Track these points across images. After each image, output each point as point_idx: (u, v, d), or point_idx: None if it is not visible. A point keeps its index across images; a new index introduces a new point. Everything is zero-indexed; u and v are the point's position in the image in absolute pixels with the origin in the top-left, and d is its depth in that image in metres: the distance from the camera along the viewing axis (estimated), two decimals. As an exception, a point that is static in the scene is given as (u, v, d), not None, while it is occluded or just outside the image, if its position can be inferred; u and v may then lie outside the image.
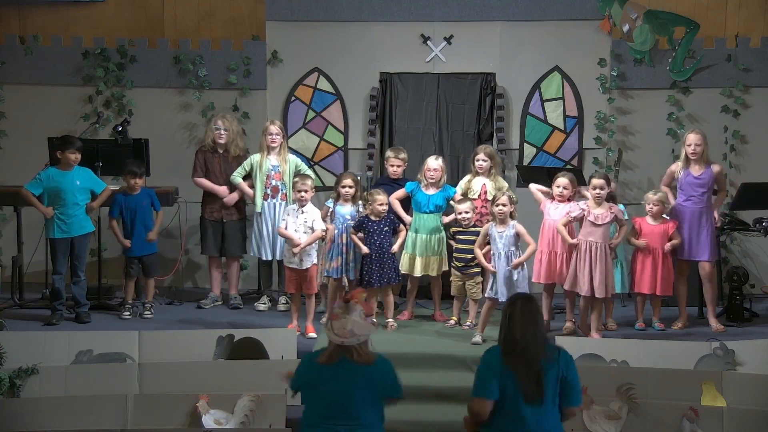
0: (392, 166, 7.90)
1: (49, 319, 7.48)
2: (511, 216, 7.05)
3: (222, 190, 8.11)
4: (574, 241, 7.02)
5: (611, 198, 7.17)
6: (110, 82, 8.94)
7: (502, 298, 6.84)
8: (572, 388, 4.44)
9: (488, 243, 7.10)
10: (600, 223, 6.97)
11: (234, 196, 8.12)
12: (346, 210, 7.51)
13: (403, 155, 7.93)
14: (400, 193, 7.76)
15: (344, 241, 7.44)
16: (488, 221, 7.33)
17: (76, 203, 7.51)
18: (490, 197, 7.60)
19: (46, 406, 5.88)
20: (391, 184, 7.81)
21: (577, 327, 7.26)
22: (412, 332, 7.37)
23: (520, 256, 6.97)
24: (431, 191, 7.67)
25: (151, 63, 9.01)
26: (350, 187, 7.48)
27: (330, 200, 7.65)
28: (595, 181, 7.07)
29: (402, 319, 7.67)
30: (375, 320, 4.51)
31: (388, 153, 8.02)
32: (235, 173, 8.05)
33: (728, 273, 7.85)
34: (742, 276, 7.76)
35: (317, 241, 7.35)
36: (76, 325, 7.39)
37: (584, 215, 7.00)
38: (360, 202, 7.57)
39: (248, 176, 8.12)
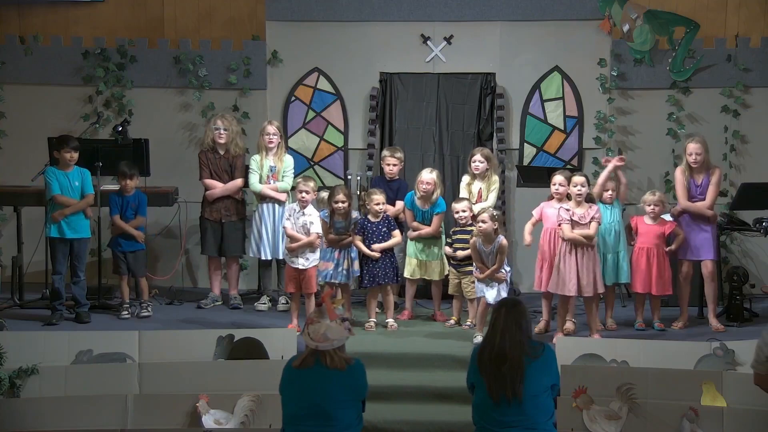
0: (388, 165, 7.90)
1: (49, 319, 7.48)
2: (496, 232, 7.05)
3: (230, 186, 8.09)
4: (590, 232, 6.97)
5: (589, 198, 7.18)
6: (110, 82, 8.94)
7: (490, 300, 6.93)
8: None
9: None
10: (583, 222, 6.98)
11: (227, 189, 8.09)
12: (341, 224, 7.45)
13: (399, 154, 7.94)
14: (410, 213, 7.73)
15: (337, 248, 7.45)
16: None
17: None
18: (483, 199, 7.69)
19: (46, 406, 5.88)
20: (384, 185, 7.79)
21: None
22: (412, 332, 7.37)
23: (506, 271, 7.03)
24: (424, 205, 7.67)
25: (151, 63, 9.01)
26: (343, 202, 7.37)
27: (324, 211, 7.51)
28: (576, 179, 7.07)
29: (401, 318, 7.68)
30: (351, 327, 4.52)
31: (385, 152, 8.03)
32: (254, 183, 8.00)
33: (728, 273, 7.84)
34: (742, 276, 7.75)
35: (320, 243, 7.34)
36: (76, 325, 7.39)
37: (570, 216, 7.01)
38: (356, 213, 7.56)
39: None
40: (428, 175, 7.67)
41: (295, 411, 4.41)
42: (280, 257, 7.99)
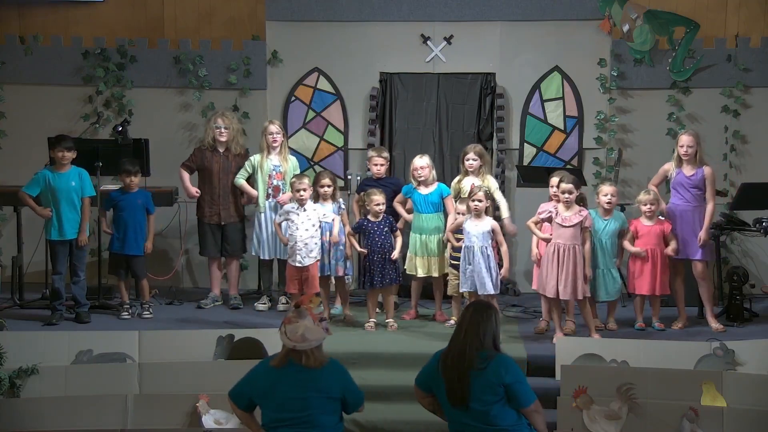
0: (375, 165, 7.89)
1: (49, 319, 7.48)
2: (487, 212, 7.08)
3: (190, 189, 8.11)
4: (546, 235, 7.04)
5: (581, 201, 7.17)
6: (110, 82, 8.95)
7: (470, 290, 7.03)
8: (516, 392, 4.66)
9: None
10: (567, 225, 6.96)
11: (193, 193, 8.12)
12: (327, 209, 7.51)
13: (385, 154, 7.96)
14: (400, 197, 7.76)
15: (328, 239, 7.47)
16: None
17: (72, 204, 7.49)
18: None
19: (46, 406, 5.88)
20: (375, 184, 7.76)
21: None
22: (412, 332, 7.37)
23: (493, 252, 7.04)
24: (425, 190, 7.68)
25: (151, 63, 9.01)
26: (328, 186, 7.53)
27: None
28: (564, 186, 7.02)
29: (407, 318, 7.68)
30: (329, 327, 4.56)
31: (371, 153, 8.03)
32: (238, 175, 8.05)
33: (728, 273, 7.84)
34: (742, 276, 7.75)
35: (320, 238, 7.34)
36: (76, 325, 7.39)
37: (552, 217, 7.01)
38: (340, 199, 7.64)
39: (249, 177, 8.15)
40: (420, 161, 7.70)
41: (275, 411, 4.42)
42: (281, 256, 7.99)
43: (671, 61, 8.85)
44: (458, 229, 7.39)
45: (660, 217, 7.51)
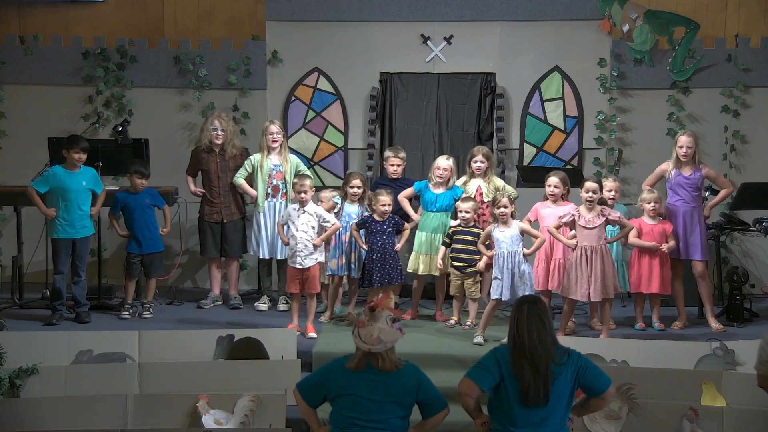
0: (392, 165, 7.90)
1: (49, 319, 7.48)
2: (512, 216, 7.05)
3: (194, 190, 8.19)
4: (573, 241, 6.99)
5: (602, 201, 7.17)
6: (110, 82, 8.95)
7: (506, 299, 6.91)
8: (594, 379, 4.50)
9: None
10: (591, 227, 6.93)
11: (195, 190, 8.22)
12: (353, 210, 7.54)
13: (402, 154, 7.95)
14: (408, 191, 7.77)
15: (347, 239, 7.47)
16: (485, 222, 7.43)
17: (82, 204, 7.51)
18: (486, 198, 7.63)
19: (46, 406, 5.88)
20: (390, 184, 7.80)
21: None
22: (412, 332, 7.33)
23: (522, 253, 6.98)
24: (440, 190, 7.67)
25: (151, 63, 9.01)
26: (359, 187, 7.57)
27: (337, 197, 7.67)
28: (589, 185, 7.01)
29: (406, 318, 7.67)
30: (402, 327, 4.56)
31: (387, 153, 8.02)
32: (237, 174, 8.05)
33: (728, 273, 7.84)
34: (742, 276, 7.75)
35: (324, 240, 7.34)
36: (76, 325, 7.39)
37: (575, 219, 6.98)
38: (366, 203, 7.63)
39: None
40: (445, 162, 7.69)
41: (347, 412, 4.44)
42: (279, 257, 8.00)
43: (671, 61, 8.85)
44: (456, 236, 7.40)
45: (659, 216, 7.52)
